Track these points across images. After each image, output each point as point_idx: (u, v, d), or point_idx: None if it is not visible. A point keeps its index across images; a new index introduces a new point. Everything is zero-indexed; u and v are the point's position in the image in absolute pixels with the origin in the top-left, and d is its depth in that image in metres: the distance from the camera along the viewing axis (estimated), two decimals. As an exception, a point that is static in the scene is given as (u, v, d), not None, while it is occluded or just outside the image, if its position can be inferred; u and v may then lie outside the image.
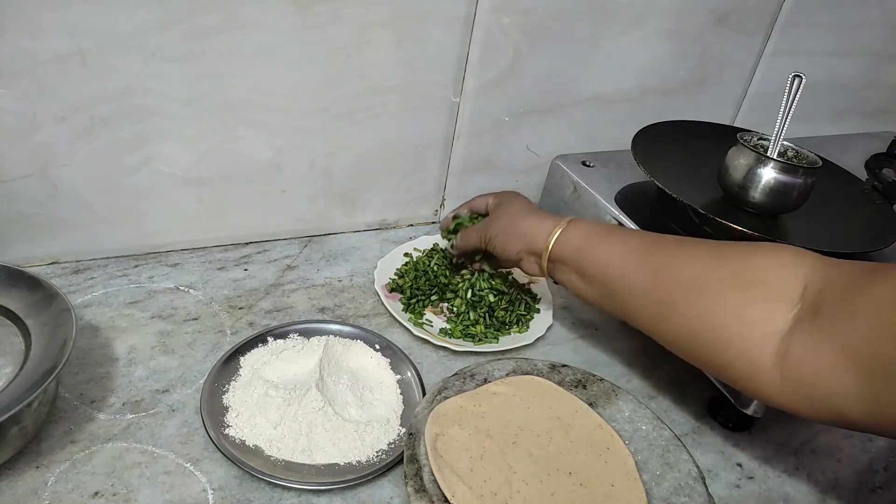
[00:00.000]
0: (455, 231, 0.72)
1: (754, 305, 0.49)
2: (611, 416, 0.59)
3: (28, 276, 0.55)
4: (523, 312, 0.72)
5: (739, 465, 0.60)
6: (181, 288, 0.70)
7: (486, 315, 0.70)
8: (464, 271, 0.75)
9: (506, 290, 0.73)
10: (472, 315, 0.70)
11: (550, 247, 0.60)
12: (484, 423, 0.55)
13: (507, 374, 0.61)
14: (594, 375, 0.63)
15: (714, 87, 0.96)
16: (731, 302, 0.50)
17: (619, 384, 0.63)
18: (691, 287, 0.52)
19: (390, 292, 0.73)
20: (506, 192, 0.71)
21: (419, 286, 0.73)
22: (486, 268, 0.72)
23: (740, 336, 0.49)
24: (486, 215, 0.70)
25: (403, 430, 0.56)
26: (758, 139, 0.73)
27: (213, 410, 0.55)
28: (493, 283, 0.74)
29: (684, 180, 0.73)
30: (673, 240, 0.57)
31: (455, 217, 0.73)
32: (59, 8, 0.56)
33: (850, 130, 1.16)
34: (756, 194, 0.68)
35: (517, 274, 0.78)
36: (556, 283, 0.63)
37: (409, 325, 0.67)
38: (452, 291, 0.73)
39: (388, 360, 0.63)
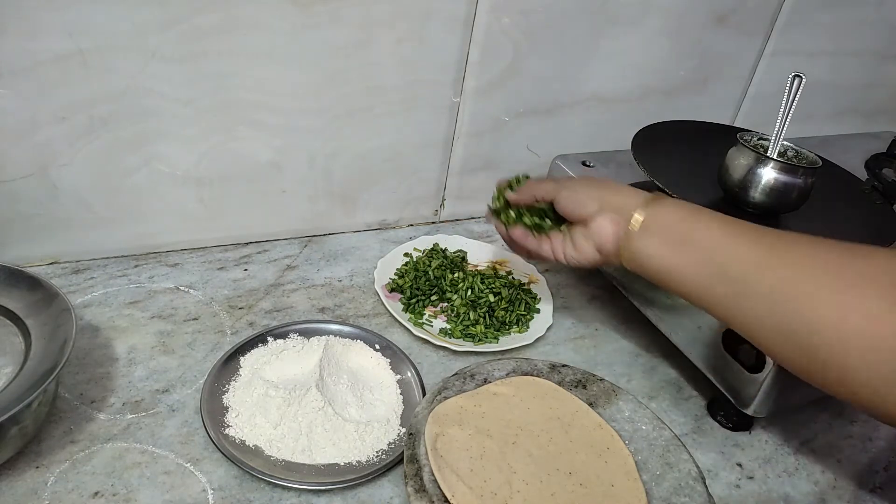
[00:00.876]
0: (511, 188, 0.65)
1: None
2: (611, 416, 0.59)
3: (28, 276, 0.55)
4: (523, 312, 0.72)
5: (739, 465, 0.60)
6: (181, 288, 0.70)
7: (486, 315, 0.71)
8: (460, 273, 0.75)
9: (505, 291, 0.73)
10: (472, 315, 0.70)
11: (644, 211, 0.54)
12: (484, 423, 0.55)
13: (507, 374, 0.61)
14: (594, 375, 0.63)
15: (714, 87, 0.96)
16: (867, 303, 0.42)
17: (619, 384, 0.63)
18: (814, 277, 0.45)
19: (390, 292, 0.73)
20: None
21: (419, 286, 0.73)
22: (527, 220, 0.63)
23: (872, 342, 0.42)
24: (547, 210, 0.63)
25: (403, 430, 0.56)
26: (758, 139, 0.73)
27: (213, 410, 0.55)
28: (493, 283, 0.74)
29: (684, 180, 0.73)
30: (789, 234, 0.51)
31: (516, 180, 0.66)
32: (59, 8, 0.56)
33: (850, 130, 1.16)
34: (756, 194, 0.68)
35: (517, 274, 0.79)
36: (617, 260, 0.57)
37: (409, 325, 0.67)
38: (452, 291, 0.73)
39: (388, 360, 0.63)
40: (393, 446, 0.55)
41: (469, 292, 0.73)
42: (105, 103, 0.62)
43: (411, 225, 0.87)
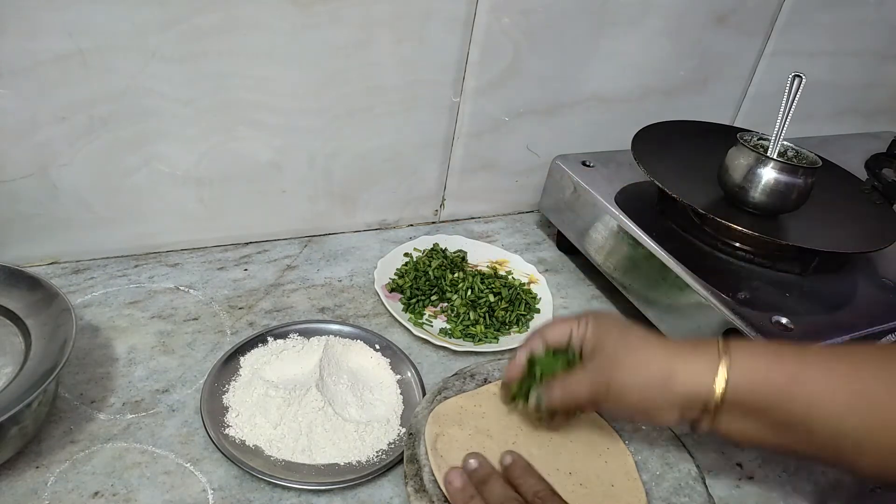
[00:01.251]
0: (533, 377, 0.51)
1: None
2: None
3: (28, 276, 0.55)
4: (523, 312, 0.72)
5: (739, 465, 0.60)
6: (181, 288, 0.70)
7: (486, 315, 0.71)
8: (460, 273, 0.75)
9: (505, 291, 0.73)
10: (472, 315, 0.70)
11: (720, 394, 0.44)
12: (484, 423, 0.55)
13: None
14: (594, 375, 0.63)
15: (714, 87, 0.96)
16: None
17: (619, 384, 0.63)
18: None
19: (390, 292, 0.73)
20: (595, 313, 0.52)
21: (419, 286, 0.73)
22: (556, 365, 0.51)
23: None
24: (565, 351, 0.51)
25: (403, 430, 0.56)
26: (758, 139, 0.73)
27: (213, 410, 0.55)
28: (493, 283, 0.74)
29: (684, 180, 0.73)
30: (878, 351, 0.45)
31: (530, 359, 0.52)
32: (59, 8, 0.56)
33: (850, 130, 1.16)
34: (756, 194, 0.68)
35: (517, 274, 0.79)
36: (698, 431, 0.48)
37: (409, 325, 0.67)
38: (452, 291, 0.73)
39: (388, 360, 0.63)
40: (393, 446, 0.55)
41: (469, 292, 0.73)
42: (105, 103, 0.62)
43: (411, 225, 0.87)
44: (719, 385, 0.44)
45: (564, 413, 0.53)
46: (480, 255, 0.81)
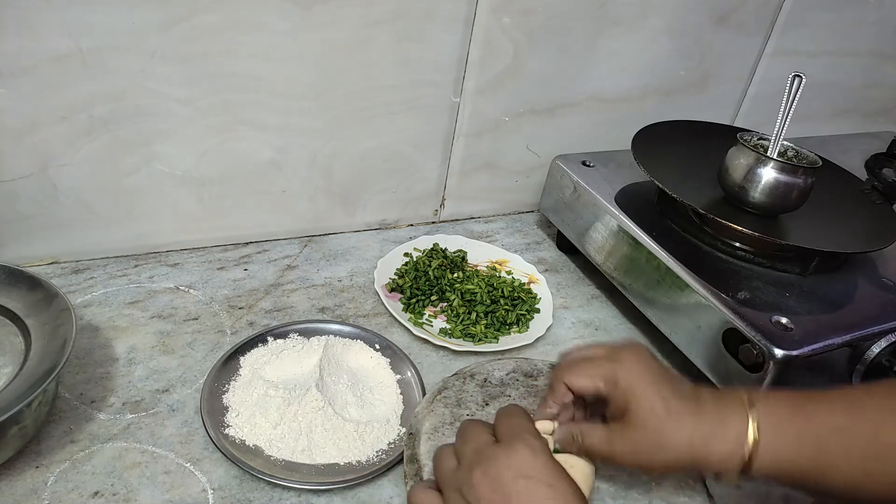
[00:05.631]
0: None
1: None
2: (611, 416, 0.59)
3: (28, 276, 0.55)
4: (523, 312, 0.72)
5: (739, 465, 0.60)
6: (181, 288, 0.70)
7: (486, 315, 0.71)
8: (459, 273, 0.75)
9: (505, 291, 0.73)
10: (472, 315, 0.70)
11: (752, 466, 0.43)
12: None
13: (508, 374, 0.61)
14: (594, 375, 0.63)
15: (714, 87, 0.96)
16: None
17: (619, 384, 0.63)
18: None
19: (390, 292, 0.73)
20: (624, 354, 0.47)
21: (419, 286, 0.73)
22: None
23: None
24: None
25: (403, 429, 0.56)
26: (758, 139, 0.73)
27: (213, 410, 0.55)
28: (493, 283, 0.74)
29: (684, 180, 0.73)
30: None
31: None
32: (59, 8, 0.56)
33: (850, 130, 1.16)
34: (756, 194, 0.68)
35: (517, 274, 0.79)
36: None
37: (409, 325, 0.67)
38: (452, 291, 0.73)
39: (388, 360, 0.63)
40: (393, 446, 0.55)
41: (469, 292, 0.73)
42: (105, 103, 0.62)
43: (411, 225, 0.87)
44: (746, 453, 0.43)
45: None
46: (480, 254, 0.81)
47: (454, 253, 0.80)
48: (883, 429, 0.42)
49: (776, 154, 0.71)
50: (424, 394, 0.60)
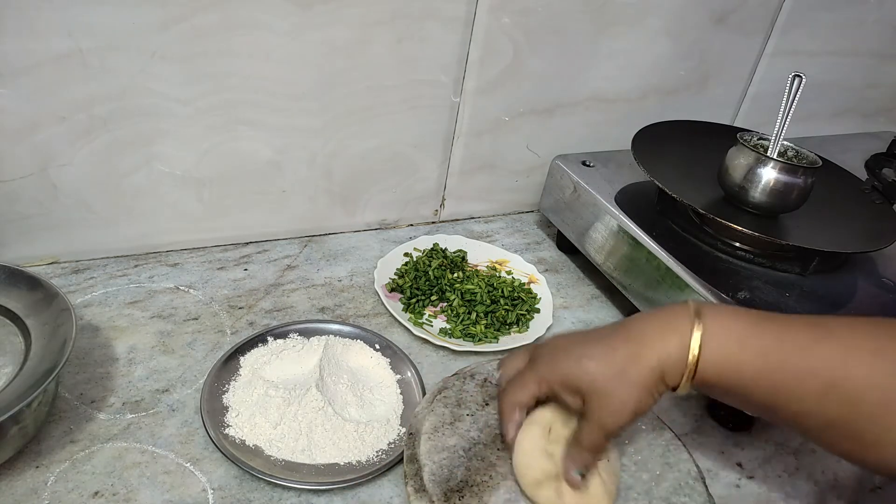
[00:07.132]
0: None
1: None
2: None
3: (28, 276, 0.55)
4: (523, 312, 0.72)
5: (739, 465, 0.60)
6: (181, 288, 0.70)
7: (486, 315, 0.71)
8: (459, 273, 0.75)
9: (505, 291, 0.73)
10: (472, 315, 0.70)
11: (693, 368, 0.43)
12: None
13: (507, 374, 0.61)
14: (594, 375, 0.62)
15: (714, 87, 0.96)
16: None
17: (619, 384, 0.63)
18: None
19: (390, 292, 0.73)
20: (539, 345, 0.50)
21: (419, 286, 0.73)
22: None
23: None
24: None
25: (403, 429, 0.56)
26: (758, 139, 0.73)
27: (213, 410, 0.55)
28: (493, 283, 0.74)
29: (684, 180, 0.73)
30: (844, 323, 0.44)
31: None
32: (59, 8, 0.56)
33: (850, 130, 1.16)
34: (756, 194, 0.68)
35: (517, 274, 0.79)
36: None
37: (409, 325, 0.67)
38: (452, 291, 0.73)
39: (388, 360, 0.63)
40: (393, 446, 0.55)
41: (469, 292, 0.73)
42: (105, 103, 0.62)
43: (411, 225, 0.87)
44: (691, 354, 0.43)
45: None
46: (480, 254, 0.81)
47: (454, 253, 0.80)
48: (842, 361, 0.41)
49: (776, 154, 0.71)
50: (424, 394, 0.60)
